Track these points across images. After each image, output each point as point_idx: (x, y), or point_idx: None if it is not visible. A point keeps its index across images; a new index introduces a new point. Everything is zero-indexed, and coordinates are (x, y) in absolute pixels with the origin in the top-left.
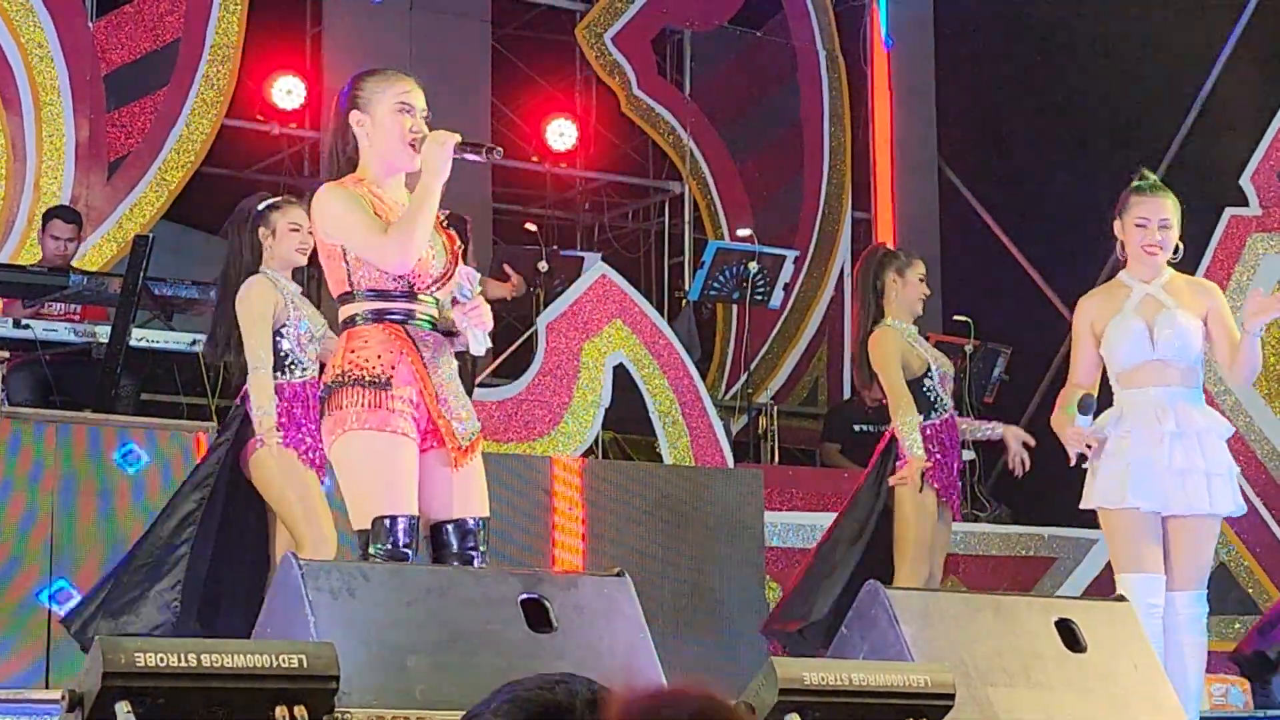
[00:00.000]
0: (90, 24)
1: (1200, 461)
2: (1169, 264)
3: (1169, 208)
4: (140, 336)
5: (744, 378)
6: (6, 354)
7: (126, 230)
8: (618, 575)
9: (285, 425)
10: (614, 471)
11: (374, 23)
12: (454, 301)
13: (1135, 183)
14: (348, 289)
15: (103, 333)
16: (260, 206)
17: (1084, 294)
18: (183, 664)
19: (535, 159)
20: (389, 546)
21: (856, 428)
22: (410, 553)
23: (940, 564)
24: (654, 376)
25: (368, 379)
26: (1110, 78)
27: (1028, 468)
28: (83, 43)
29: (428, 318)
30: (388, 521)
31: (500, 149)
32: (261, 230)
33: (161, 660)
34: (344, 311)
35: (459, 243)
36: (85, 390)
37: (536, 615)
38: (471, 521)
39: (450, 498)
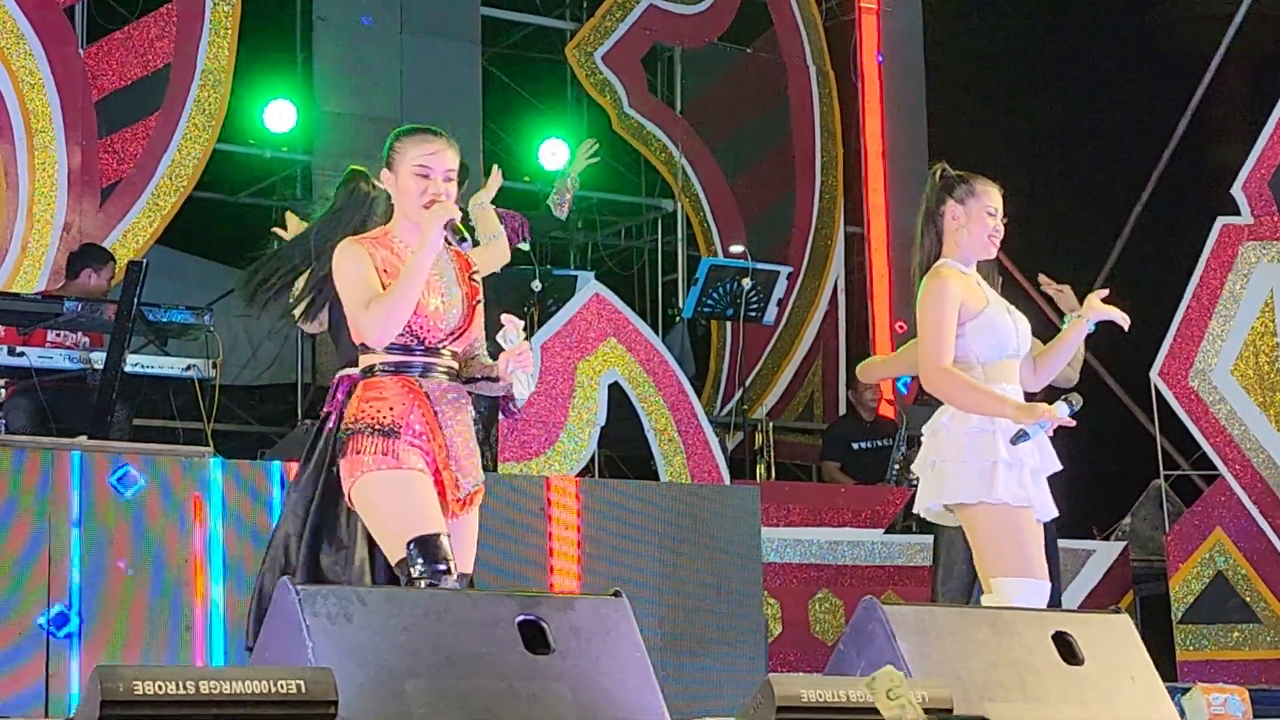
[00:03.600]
0: (80, 51)
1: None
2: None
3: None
4: (134, 362)
5: (739, 394)
6: (3, 382)
7: (120, 256)
8: (615, 596)
9: None
10: (610, 490)
11: (364, 46)
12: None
13: (955, 174)
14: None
15: (98, 359)
16: None
17: (1076, 305)
18: (181, 691)
19: (527, 179)
20: (429, 565)
21: (854, 445)
22: (449, 566)
23: None
24: (649, 394)
25: (379, 428)
26: (1102, 87)
27: None
28: (73, 70)
29: (444, 370)
30: (417, 543)
31: (469, 240)
32: None
33: (159, 688)
34: (362, 361)
35: (479, 296)
36: (81, 417)
37: (534, 637)
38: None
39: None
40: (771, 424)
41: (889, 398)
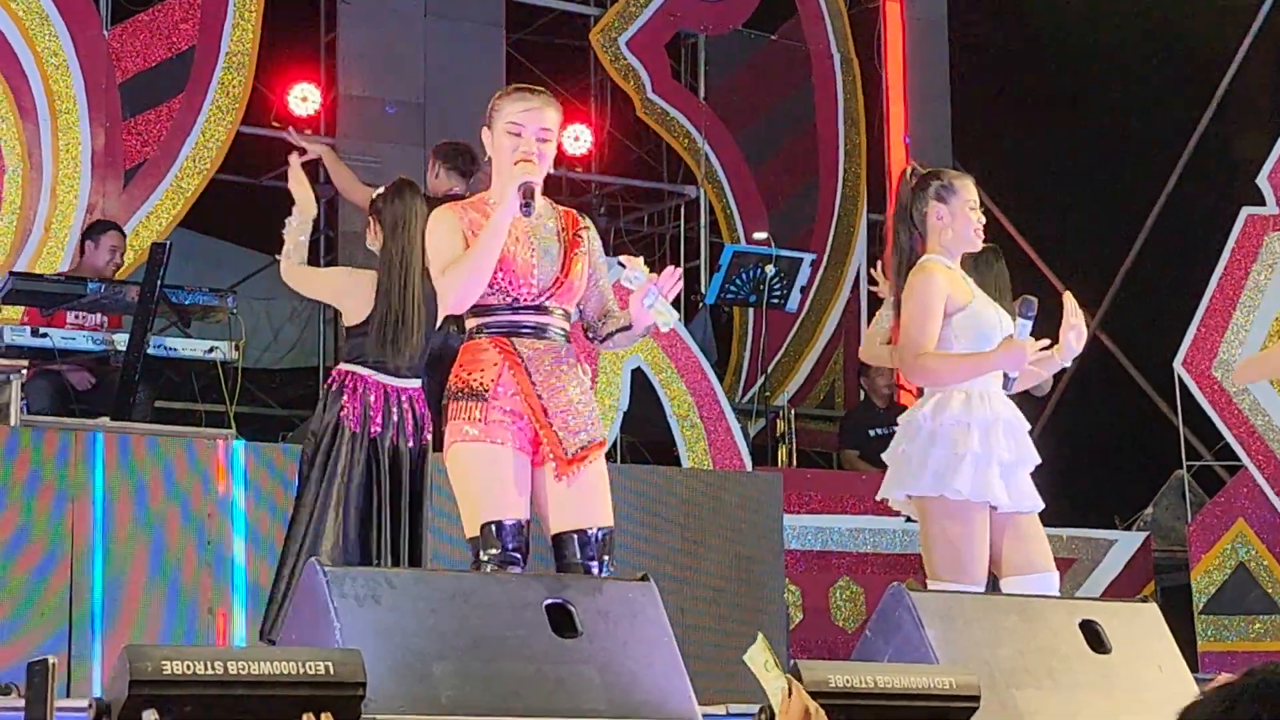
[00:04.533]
0: (105, 32)
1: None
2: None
3: None
4: (157, 344)
5: (761, 381)
6: (25, 363)
7: (143, 238)
8: (642, 580)
9: None
10: (632, 476)
11: (388, 29)
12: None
13: (925, 171)
14: None
15: (120, 341)
16: None
17: (1101, 296)
18: (209, 672)
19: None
20: (496, 552)
21: (871, 432)
22: (519, 557)
23: None
24: (671, 380)
25: (470, 391)
26: (1127, 77)
27: None
28: (98, 51)
29: (542, 328)
30: (493, 527)
31: (532, 205)
32: None
33: (188, 668)
34: (466, 324)
35: (581, 248)
36: (104, 398)
37: (561, 620)
38: (592, 531)
39: (567, 508)
40: (793, 411)
41: (906, 385)
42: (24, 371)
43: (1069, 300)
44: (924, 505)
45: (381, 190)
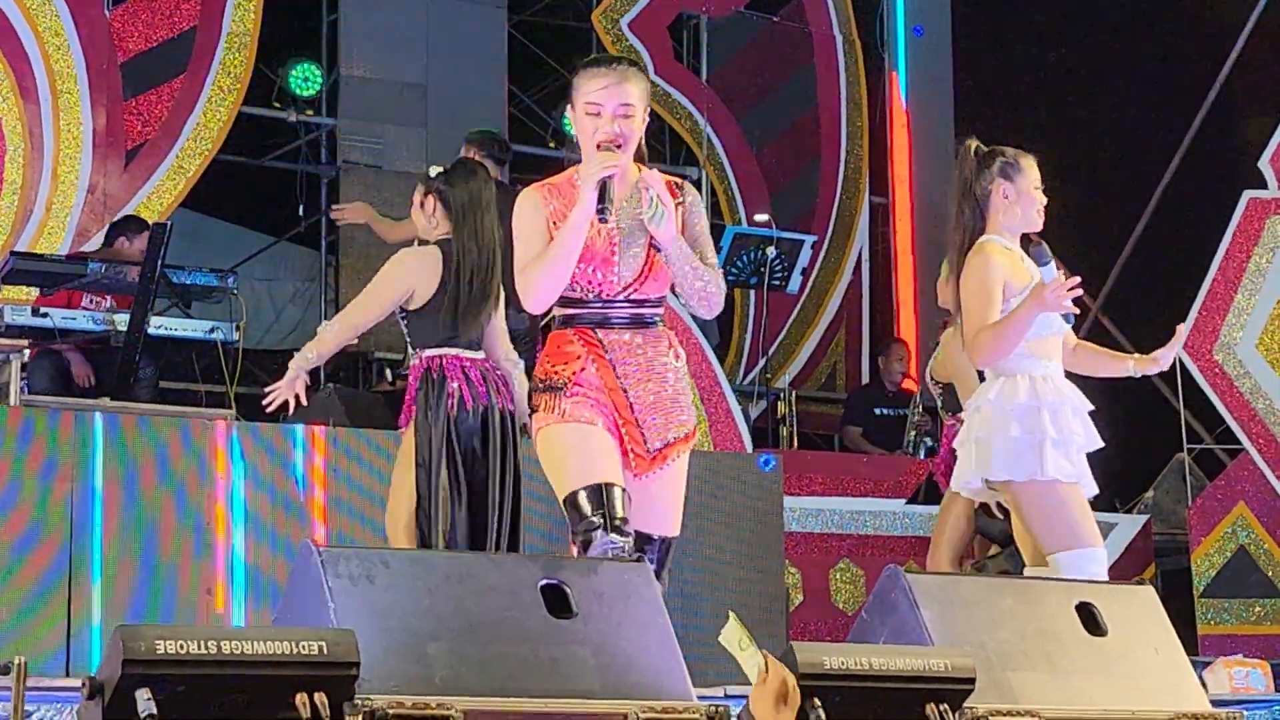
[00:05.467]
0: (107, 12)
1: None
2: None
3: None
4: (158, 325)
5: (762, 363)
6: (26, 343)
7: (144, 218)
8: (637, 561)
9: None
10: None
11: (391, 9)
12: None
13: (990, 148)
14: None
15: (121, 321)
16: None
17: (1102, 280)
18: (203, 651)
19: (552, 145)
20: (581, 520)
21: (877, 411)
22: (599, 521)
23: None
24: None
25: (551, 385)
26: (1129, 59)
27: None
28: (99, 31)
29: (629, 319)
30: (572, 496)
31: (608, 211)
32: None
33: (181, 648)
34: (554, 310)
35: (673, 208)
36: (105, 378)
37: (556, 601)
38: (657, 538)
39: (639, 510)
40: (794, 393)
41: (914, 375)
42: (26, 352)
43: (1181, 333)
44: (1014, 490)
45: (441, 170)
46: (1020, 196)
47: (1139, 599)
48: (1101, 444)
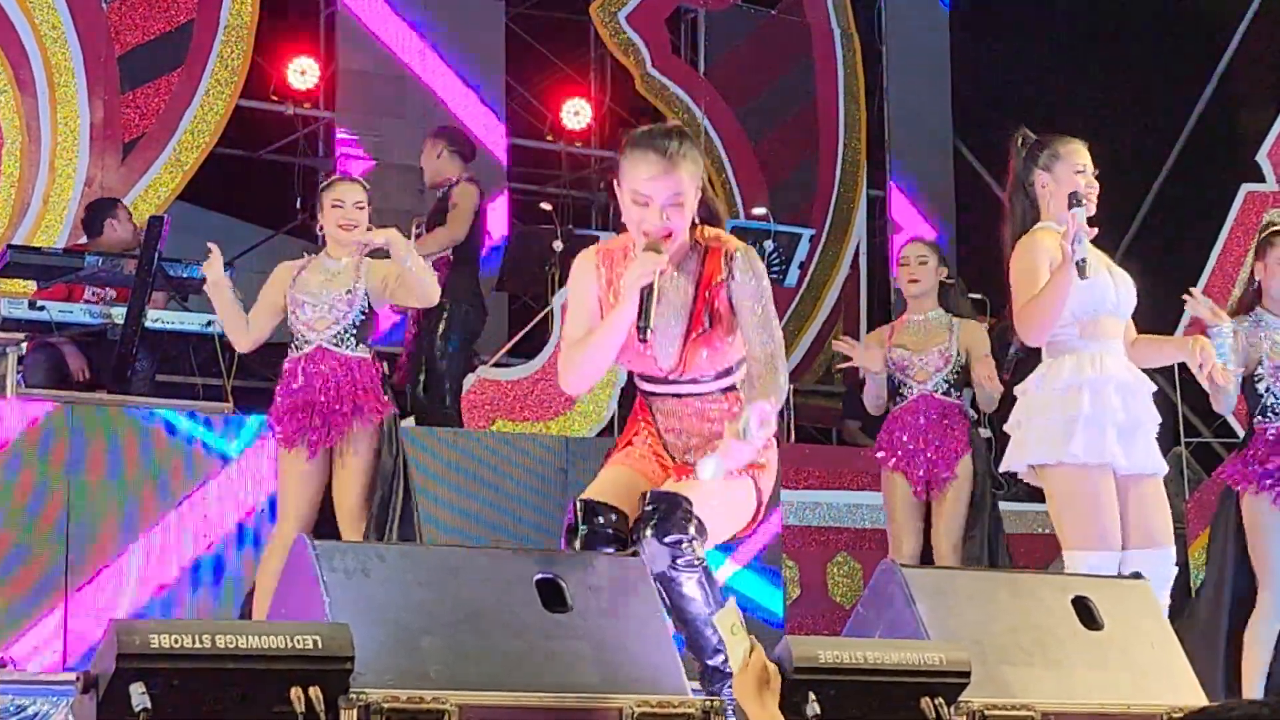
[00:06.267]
0: (104, 5)
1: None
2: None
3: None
4: (155, 318)
5: None
6: (22, 336)
7: (141, 211)
8: (633, 555)
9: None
10: None
11: (388, 3)
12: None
13: (1035, 138)
14: None
15: (118, 314)
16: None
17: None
18: (197, 646)
19: (550, 138)
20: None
21: None
22: (585, 529)
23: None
24: None
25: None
26: (1127, 53)
27: None
28: (96, 24)
29: (681, 395)
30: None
31: (649, 327)
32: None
33: (176, 642)
34: None
35: (704, 326)
36: (102, 372)
37: (551, 595)
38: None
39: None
40: (792, 387)
41: None
42: (22, 345)
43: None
44: (1046, 475)
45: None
46: (1059, 184)
47: (1135, 593)
48: (1159, 420)
